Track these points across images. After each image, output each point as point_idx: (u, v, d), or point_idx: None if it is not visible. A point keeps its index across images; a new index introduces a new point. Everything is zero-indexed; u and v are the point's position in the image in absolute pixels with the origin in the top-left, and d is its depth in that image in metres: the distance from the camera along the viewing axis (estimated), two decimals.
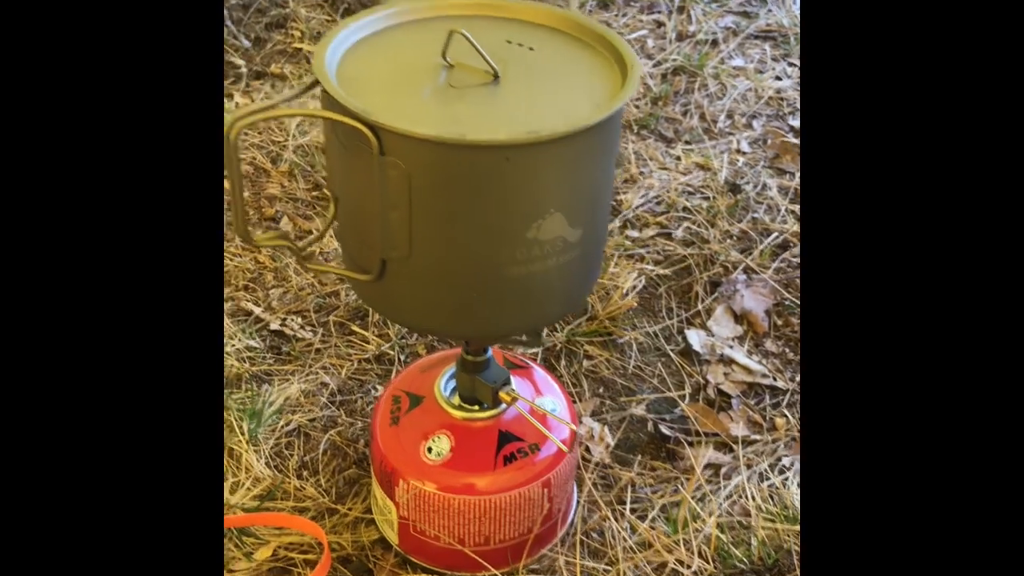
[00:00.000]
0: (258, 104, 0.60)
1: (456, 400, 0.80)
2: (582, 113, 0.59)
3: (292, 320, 1.05)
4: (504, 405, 0.78)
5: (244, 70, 1.56)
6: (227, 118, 0.58)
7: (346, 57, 0.64)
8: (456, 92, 0.61)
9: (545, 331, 1.04)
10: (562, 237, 0.62)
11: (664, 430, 0.95)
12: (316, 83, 0.62)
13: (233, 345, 1.01)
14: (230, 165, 0.59)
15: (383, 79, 0.62)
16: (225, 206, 1.08)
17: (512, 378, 0.79)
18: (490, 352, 0.77)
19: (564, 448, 0.77)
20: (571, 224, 0.62)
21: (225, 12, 1.69)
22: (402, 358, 1.02)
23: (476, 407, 0.79)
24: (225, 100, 1.46)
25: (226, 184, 0.91)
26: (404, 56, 0.65)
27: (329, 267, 0.69)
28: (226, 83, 1.52)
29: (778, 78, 1.60)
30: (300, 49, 1.63)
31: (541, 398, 0.82)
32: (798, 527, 0.82)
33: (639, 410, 0.98)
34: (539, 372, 0.86)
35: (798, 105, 1.53)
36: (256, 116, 0.58)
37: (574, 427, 0.78)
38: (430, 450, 0.77)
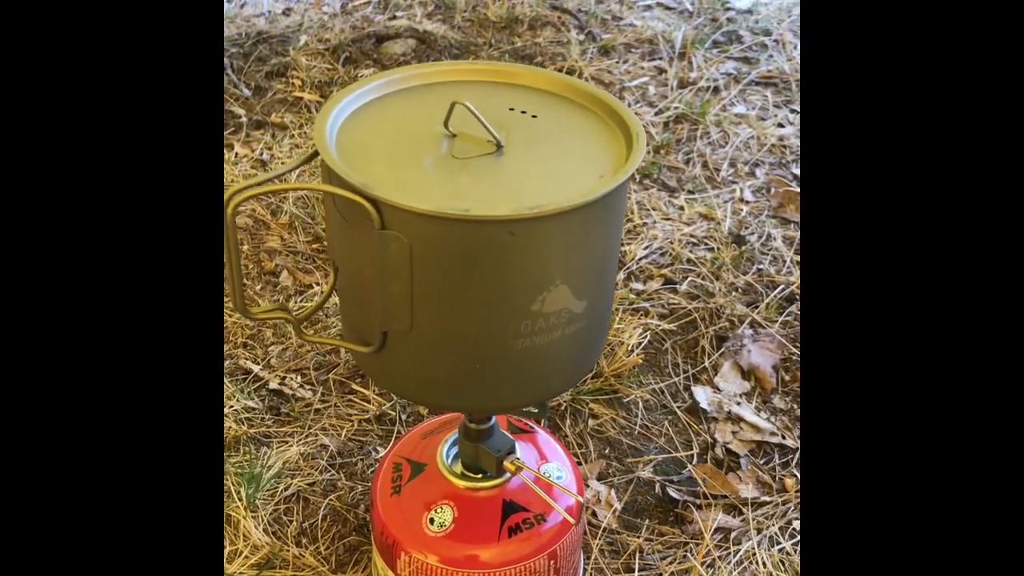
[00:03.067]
0: (257, 179, 0.58)
1: (459, 468, 0.78)
2: (587, 185, 0.58)
3: (291, 379, 1.04)
4: (509, 474, 0.76)
5: (244, 119, 1.55)
6: (225, 193, 0.56)
7: (346, 125, 0.63)
8: (459, 163, 0.60)
9: None
10: (567, 309, 0.60)
11: (672, 493, 0.93)
12: (316, 154, 0.61)
13: (231, 406, 0.99)
14: (227, 239, 0.58)
15: (384, 149, 0.61)
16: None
17: (517, 444, 0.77)
18: (494, 419, 0.75)
19: (571, 519, 0.75)
20: (577, 296, 0.60)
21: (225, 61, 1.69)
22: (403, 418, 1.00)
23: (479, 476, 0.77)
24: (224, 150, 1.46)
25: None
26: (405, 124, 0.64)
27: (329, 340, 0.67)
28: (226, 133, 1.51)
29: (780, 125, 1.59)
30: (301, 98, 1.63)
31: (546, 464, 0.80)
32: None
33: (646, 472, 0.96)
34: (543, 436, 0.84)
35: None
36: (255, 191, 0.57)
37: (580, 498, 0.76)
38: (432, 521, 0.75)
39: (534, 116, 0.65)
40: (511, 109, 0.66)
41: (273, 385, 1.03)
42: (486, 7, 1.91)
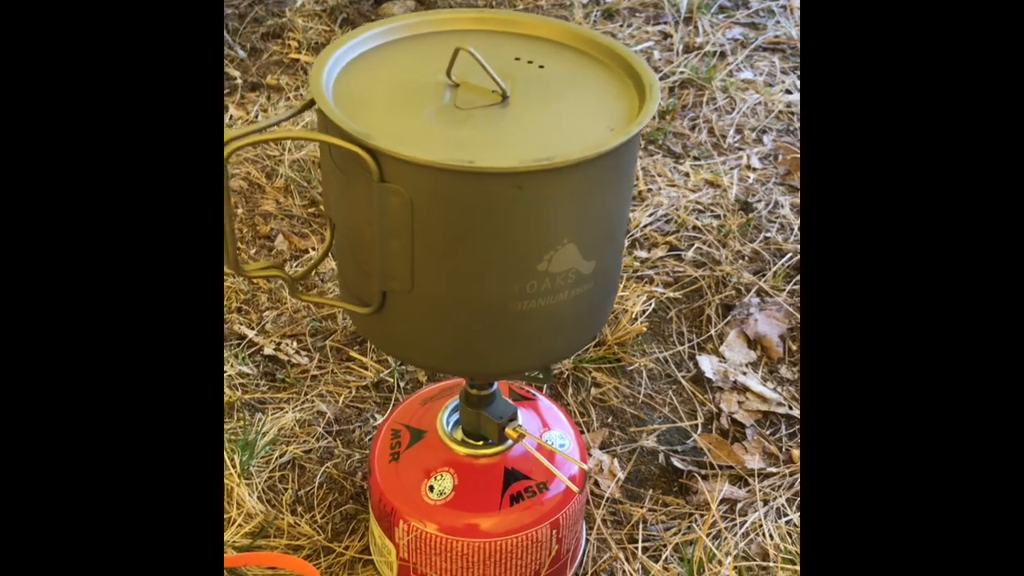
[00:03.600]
0: (251, 126, 0.55)
1: (459, 435, 0.75)
2: (597, 137, 0.55)
3: (287, 344, 1.01)
4: (510, 441, 0.74)
5: (239, 81, 1.52)
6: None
7: (344, 74, 0.60)
8: (462, 114, 0.57)
9: None
10: (575, 269, 0.58)
11: (676, 463, 0.91)
12: (312, 103, 0.58)
13: (225, 371, 0.97)
14: (225, 189, 0.55)
15: (383, 99, 0.58)
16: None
17: (519, 411, 0.74)
18: (496, 385, 0.73)
19: (574, 488, 0.73)
20: (585, 256, 0.58)
21: None
22: (402, 385, 0.97)
23: (480, 443, 0.75)
24: None
25: None
26: (406, 74, 0.61)
27: (325, 300, 0.65)
28: None
29: (788, 91, 1.56)
30: (297, 60, 1.59)
31: (549, 432, 0.78)
32: None
33: (650, 441, 0.94)
34: (545, 403, 0.82)
35: None
36: (250, 139, 0.54)
37: (583, 465, 0.74)
38: (432, 489, 0.73)
39: (541, 66, 0.62)
40: (517, 59, 0.63)
41: (268, 351, 1.00)
42: None
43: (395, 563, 0.75)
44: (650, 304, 1.09)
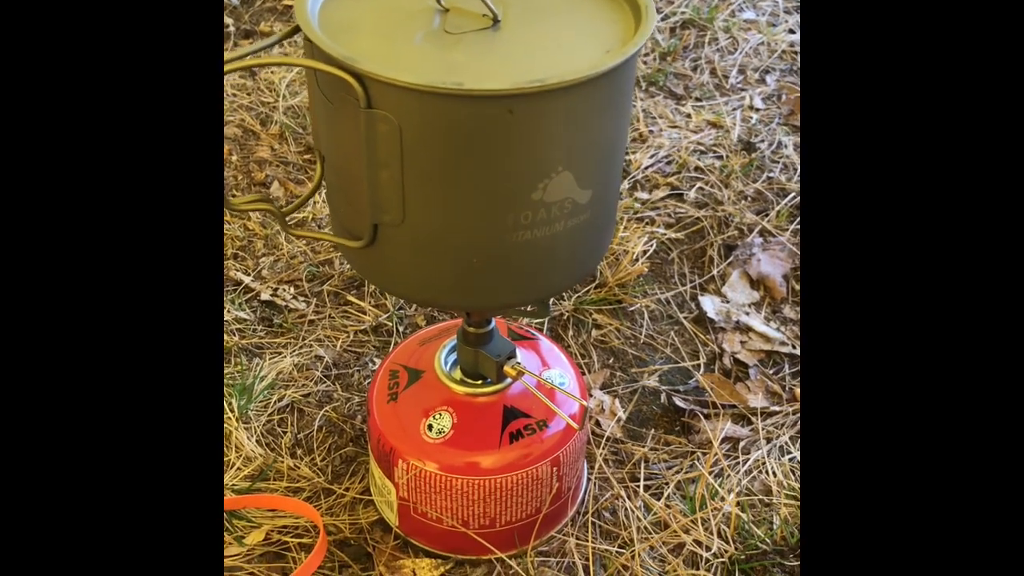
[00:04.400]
0: (242, 50, 0.54)
1: (458, 374, 0.74)
2: (592, 59, 0.53)
3: (284, 290, 1.00)
4: (509, 380, 0.73)
5: (232, 29, 1.49)
6: None
7: (330, 2, 0.58)
8: (452, 38, 0.55)
9: (552, 300, 0.99)
10: (571, 199, 0.56)
11: (678, 402, 0.90)
12: (297, 29, 0.56)
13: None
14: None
15: (371, 25, 0.56)
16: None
17: (518, 350, 0.73)
18: (493, 323, 0.72)
19: (574, 425, 0.72)
20: (580, 184, 0.56)
21: None
22: (400, 329, 0.96)
23: (479, 382, 0.74)
24: None
25: None
26: (392, 0, 0.59)
27: (317, 233, 0.63)
28: None
29: (791, 31, 1.53)
30: (291, 7, 1.55)
31: (548, 371, 0.77)
32: None
33: (651, 381, 0.93)
34: (546, 343, 0.81)
35: None
36: (239, 64, 0.52)
37: (584, 402, 0.73)
38: (431, 428, 0.72)
39: None
40: None
41: (265, 296, 0.99)
42: None
43: (395, 502, 0.75)
44: (651, 245, 1.07)
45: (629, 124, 0.63)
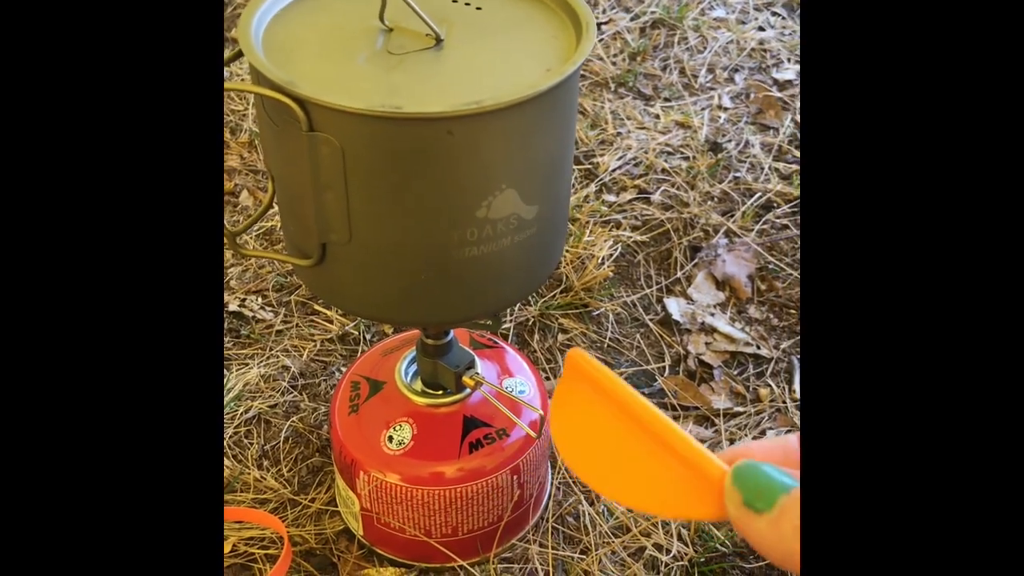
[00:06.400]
0: None
1: (419, 385, 0.75)
2: (532, 78, 0.54)
3: (251, 300, 1.01)
4: (468, 390, 0.74)
5: None
6: None
7: (275, 23, 0.59)
8: (394, 59, 0.56)
9: (517, 306, 0.99)
10: (516, 215, 0.57)
11: None
12: (240, 54, 0.56)
13: None
14: None
15: (315, 46, 0.57)
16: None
17: (477, 360, 0.74)
18: (452, 334, 0.73)
19: (532, 434, 0.73)
20: (526, 200, 0.57)
21: None
22: (368, 337, 0.97)
23: (440, 392, 0.75)
24: None
25: None
26: (338, 20, 0.59)
27: (268, 253, 0.64)
28: None
29: (761, 28, 1.53)
30: None
31: (510, 379, 0.78)
32: None
33: None
34: (509, 352, 0.81)
35: (782, 57, 1.47)
36: None
37: (540, 412, 0.74)
38: (391, 439, 0.73)
39: (478, 8, 0.61)
40: (454, 1, 0.61)
41: (233, 307, 1.00)
42: None
43: (359, 513, 0.76)
44: (617, 248, 1.08)
45: (574, 137, 0.64)
